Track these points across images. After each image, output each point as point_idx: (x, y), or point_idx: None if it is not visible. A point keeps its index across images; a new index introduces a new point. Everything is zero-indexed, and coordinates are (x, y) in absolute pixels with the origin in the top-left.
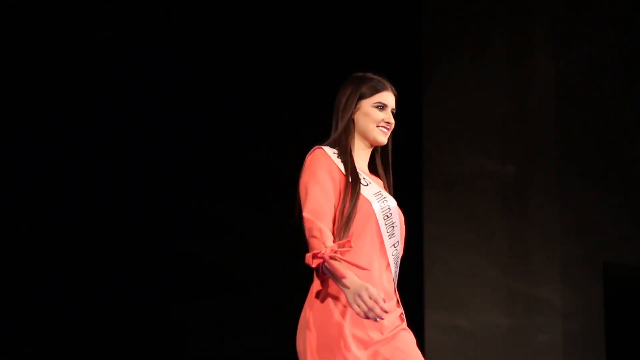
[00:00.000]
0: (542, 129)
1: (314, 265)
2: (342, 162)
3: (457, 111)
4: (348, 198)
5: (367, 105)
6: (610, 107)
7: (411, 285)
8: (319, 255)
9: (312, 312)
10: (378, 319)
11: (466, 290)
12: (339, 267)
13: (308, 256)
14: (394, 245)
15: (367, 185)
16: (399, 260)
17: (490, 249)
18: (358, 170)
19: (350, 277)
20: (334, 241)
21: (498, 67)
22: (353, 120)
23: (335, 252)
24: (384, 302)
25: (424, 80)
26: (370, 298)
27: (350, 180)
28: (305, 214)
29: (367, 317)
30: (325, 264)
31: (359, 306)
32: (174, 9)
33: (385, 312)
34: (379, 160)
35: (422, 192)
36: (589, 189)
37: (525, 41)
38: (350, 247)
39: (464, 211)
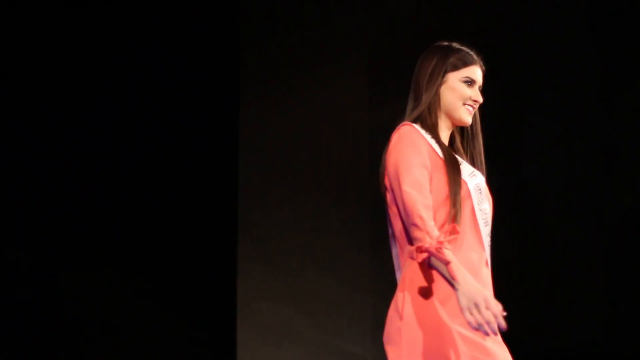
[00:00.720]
0: (356, 182)
1: (419, 261)
2: (433, 140)
3: (273, 160)
4: (448, 181)
5: (454, 79)
6: None
7: (223, 337)
8: (423, 248)
9: (405, 303)
10: (492, 335)
11: (277, 345)
12: (446, 266)
13: (411, 250)
14: (488, 234)
15: (461, 164)
16: (489, 249)
17: (302, 304)
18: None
19: (466, 276)
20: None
21: (313, 117)
22: (439, 95)
23: (442, 242)
24: (503, 314)
25: (241, 128)
26: (488, 309)
27: (447, 160)
28: (405, 187)
29: (477, 330)
30: (432, 259)
31: (472, 315)
32: None
33: (503, 328)
34: (460, 142)
35: (236, 244)
36: None
37: (340, 91)
38: (457, 232)
39: (278, 265)
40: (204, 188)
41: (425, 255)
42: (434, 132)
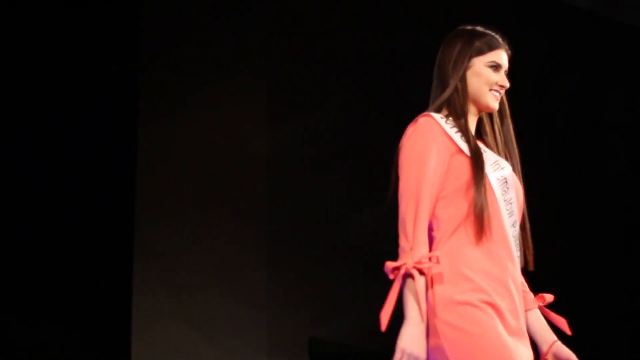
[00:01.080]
0: (253, 201)
1: (391, 278)
2: (455, 129)
3: (171, 178)
4: (472, 176)
5: (480, 63)
6: (323, 181)
7: (118, 356)
8: (400, 268)
9: (437, 300)
10: None
11: None
12: (409, 294)
13: (389, 265)
14: (512, 225)
15: (484, 152)
16: (518, 241)
17: (198, 322)
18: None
19: (415, 317)
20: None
21: (212, 135)
22: (465, 80)
23: (420, 263)
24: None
25: (139, 145)
26: None
27: (471, 153)
28: (408, 188)
29: None
30: (399, 281)
31: (398, 355)
32: None
33: None
34: (490, 128)
35: (132, 262)
36: (297, 264)
37: (239, 109)
38: (438, 263)
39: (174, 283)
40: (101, 205)
41: (396, 273)
42: (460, 118)
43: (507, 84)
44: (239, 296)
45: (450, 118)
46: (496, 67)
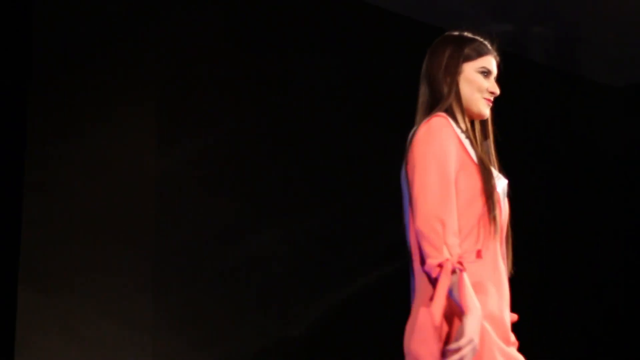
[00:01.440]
0: (139, 224)
1: (434, 276)
2: (464, 135)
3: (58, 201)
4: (483, 185)
5: (470, 69)
6: (210, 204)
7: None
8: (443, 264)
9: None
10: None
11: None
12: (465, 285)
13: (431, 264)
14: (504, 238)
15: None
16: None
17: (84, 345)
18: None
19: (478, 310)
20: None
21: (100, 158)
22: (458, 86)
23: (461, 262)
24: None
25: (26, 168)
26: (471, 352)
27: (480, 161)
28: (425, 190)
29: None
30: (447, 276)
31: (463, 345)
32: None
33: None
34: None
35: (17, 284)
36: (182, 287)
37: (128, 133)
38: (480, 257)
39: (60, 307)
40: None
41: (439, 270)
42: (462, 125)
43: (498, 91)
44: (124, 319)
45: (455, 124)
46: (486, 73)
